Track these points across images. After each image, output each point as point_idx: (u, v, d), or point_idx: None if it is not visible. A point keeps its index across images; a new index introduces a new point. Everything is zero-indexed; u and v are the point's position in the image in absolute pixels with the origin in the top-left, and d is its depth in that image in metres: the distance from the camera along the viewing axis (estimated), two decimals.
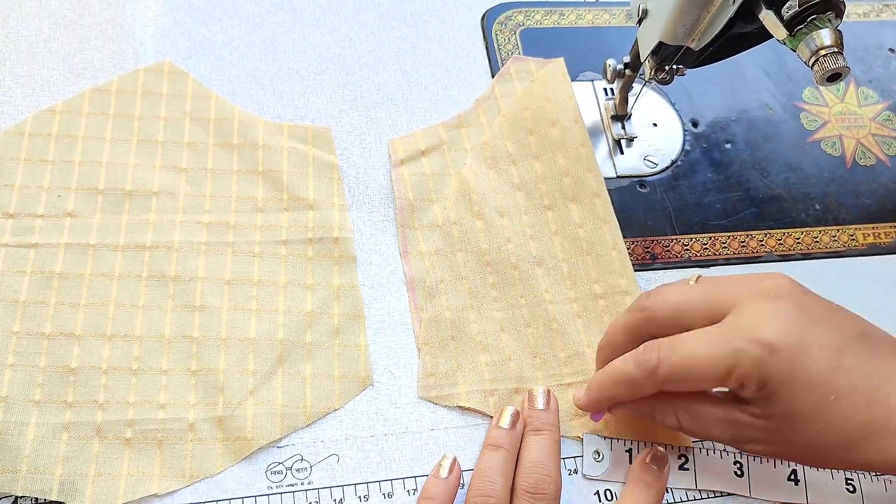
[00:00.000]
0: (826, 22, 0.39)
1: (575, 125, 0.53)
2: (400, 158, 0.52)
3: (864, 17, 0.65)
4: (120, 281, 0.45)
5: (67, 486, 0.39)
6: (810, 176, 0.56)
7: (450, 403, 0.44)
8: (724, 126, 0.58)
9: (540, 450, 0.41)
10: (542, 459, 0.40)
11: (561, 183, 0.51)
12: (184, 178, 0.49)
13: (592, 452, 0.43)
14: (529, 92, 0.54)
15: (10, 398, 0.41)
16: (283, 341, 0.44)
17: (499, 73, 0.56)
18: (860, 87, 0.61)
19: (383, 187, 0.51)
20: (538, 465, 0.40)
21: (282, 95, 0.54)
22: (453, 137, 0.53)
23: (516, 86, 0.55)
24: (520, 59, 0.57)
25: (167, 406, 0.42)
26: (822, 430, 0.36)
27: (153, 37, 0.54)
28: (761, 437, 0.38)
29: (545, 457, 0.41)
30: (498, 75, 0.56)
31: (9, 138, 0.48)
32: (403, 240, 0.49)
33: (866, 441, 0.36)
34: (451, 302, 0.47)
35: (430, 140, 0.53)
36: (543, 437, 0.42)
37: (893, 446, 0.35)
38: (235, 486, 0.41)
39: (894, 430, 0.35)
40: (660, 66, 0.48)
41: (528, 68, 0.57)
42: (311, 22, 0.57)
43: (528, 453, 0.41)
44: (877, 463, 0.36)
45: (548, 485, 0.39)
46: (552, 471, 0.40)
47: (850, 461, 0.36)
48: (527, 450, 0.41)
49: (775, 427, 0.37)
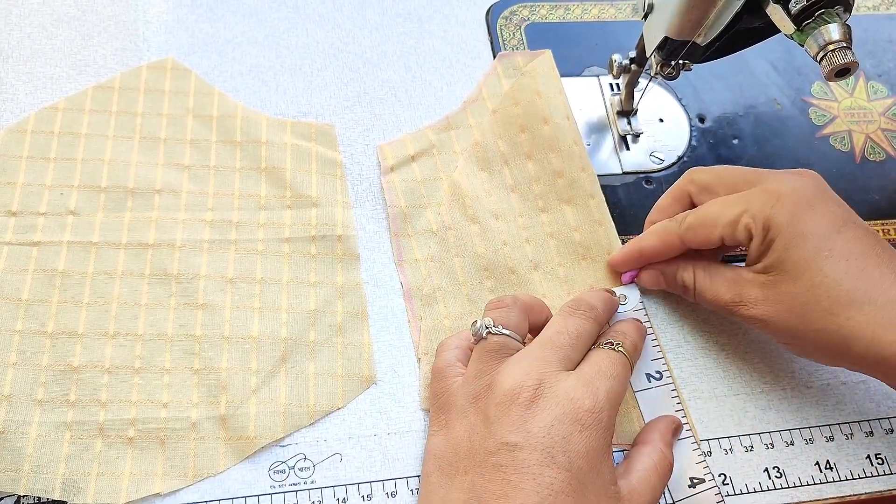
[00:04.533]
0: (834, 16, 0.38)
1: (566, 122, 0.52)
2: (389, 165, 0.51)
3: (873, 11, 0.65)
4: (122, 279, 0.45)
5: (70, 485, 0.39)
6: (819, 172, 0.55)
7: None
8: (732, 121, 0.57)
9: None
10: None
11: (555, 184, 0.50)
12: (186, 175, 0.49)
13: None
14: (519, 86, 0.54)
15: (13, 397, 0.41)
16: (286, 340, 0.44)
17: (485, 73, 0.56)
18: (869, 82, 0.61)
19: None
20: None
21: (285, 92, 0.53)
22: (443, 140, 0.52)
23: (503, 84, 0.55)
24: (506, 55, 0.56)
25: (170, 405, 0.42)
26: (811, 286, 0.39)
27: (156, 33, 0.54)
28: (759, 294, 0.42)
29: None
30: (485, 75, 0.56)
31: (11, 136, 0.48)
32: (398, 249, 0.48)
33: (850, 308, 0.38)
34: (449, 309, 0.46)
35: (420, 144, 0.52)
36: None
37: (873, 319, 0.38)
38: (238, 485, 0.40)
39: (878, 304, 0.38)
40: (666, 62, 0.47)
41: (515, 64, 0.56)
42: (314, 18, 0.57)
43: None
44: (854, 336, 0.38)
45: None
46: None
47: (834, 329, 0.39)
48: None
49: (772, 281, 0.41)
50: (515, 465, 0.35)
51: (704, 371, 0.46)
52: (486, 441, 0.37)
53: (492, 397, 0.38)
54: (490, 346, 0.40)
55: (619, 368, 0.40)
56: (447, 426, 0.39)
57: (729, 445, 0.44)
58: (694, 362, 0.47)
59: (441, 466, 0.38)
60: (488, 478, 0.36)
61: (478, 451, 0.37)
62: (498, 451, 0.36)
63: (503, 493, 0.35)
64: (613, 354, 0.40)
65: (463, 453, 0.38)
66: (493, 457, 0.36)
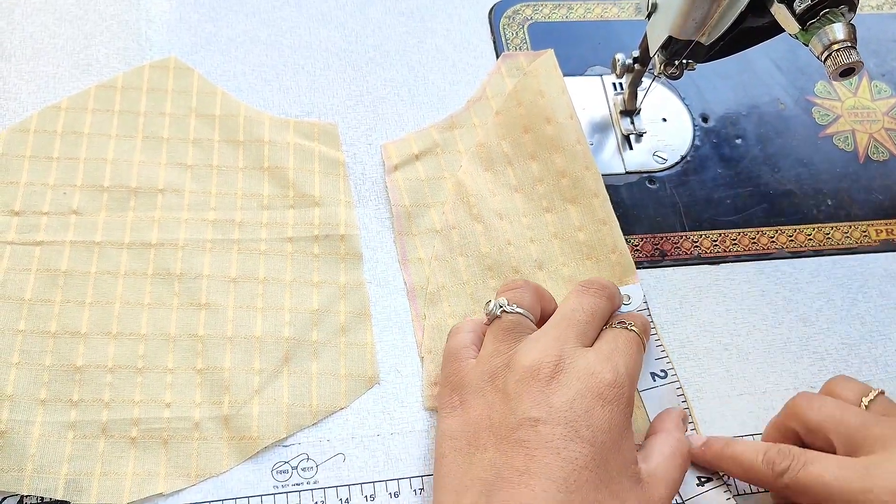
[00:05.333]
0: (839, 16, 0.38)
1: (570, 121, 0.52)
2: (394, 164, 0.51)
3: (877, 10, 0.64)
4: (125, 279, 0.45)
5: (73, 485, 0.39)
6: (822, 171, 0.56)
7: None
8: (735, 121, 0.57)
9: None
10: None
11: (559, 184, 0.50)
12: (189, 174, 0.49)
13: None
14: (522, 86, 0.54)
15: (16, 397, 0.41)
16: (289, 339, 0.44)
17: (489, 72, 0.56)
18: (873, 81, 0.60)
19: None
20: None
21: (287, 91, 0.53)
22: (446, 139, 0.52)
23: (507, 84, 0.55)
24: (510, 55, 0.56)
25: (173, 405, 0.42)
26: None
27: (158, 32, 0.54)
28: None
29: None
30: (488, 74, 0.55)
31: (14, 135, 0.48)
32: (402, 248, 0.48)
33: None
34: (453, 308, 0.46)
35: (424, 143, 0.52)
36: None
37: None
38: (241, 485, 0.40)
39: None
40: (669, 61, 0.47)
41: (518, 64, 0.56)
42: (317, 17, 0.57)
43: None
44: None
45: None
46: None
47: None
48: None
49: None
50: (539, 439, 0.35)
51: (708, 371, 0.46)
52: (507, 417, 0.36)
53: (511, 375, 0.38)
54: (505, 325, 0.40)
55: (635, 346, 0.40)
56: (462, 406, 0.39)
57: None
58: (697, 362, 0.47)
59: (457, 447, 0.38)
60: (510, 454, 0.35)
61: (499, 428, 0.36)
62: (520, 426, 0.36)
63: (526, 469, 0.34)
64: (627, 332, 0.41)
65: (482, 431, 0.37)
66: (514, 432, 0.36)
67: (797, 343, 0.48)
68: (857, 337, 0.49)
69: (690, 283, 0.50)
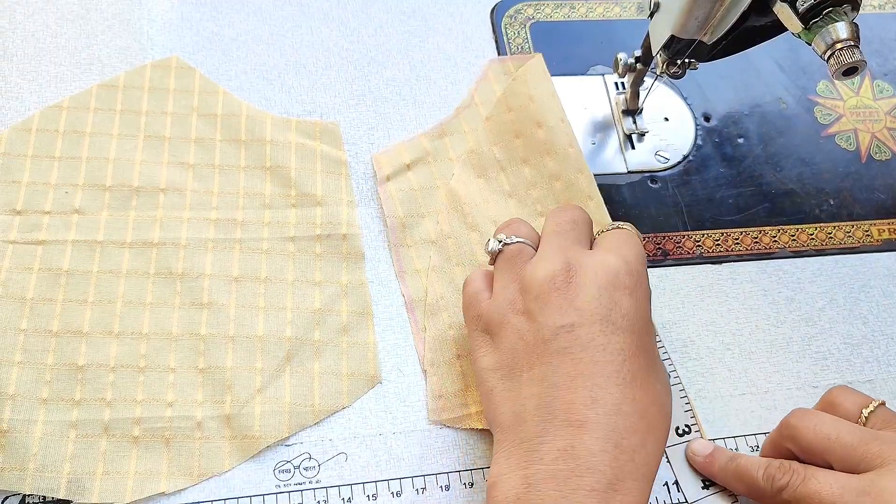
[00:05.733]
0: (842, 15, 0.38)
1: (561, 124, 0.51)
2: (385, 174, 0.50)
3: (879, 9, 0.64)
4: (127, 278, 0.45)
5: (75, 485, 0.39)
6: (824, 171, 0.56)
7: (463, 426, 0.43)
8: (737, 120, 0.57)
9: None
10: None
11: (553, 187, 0.50)
12: (191, 174, 0.49)
13: None
14: (511, 91, 0.53)
15: (18, 396, 0.41)
16: (290, 339, 0.44)
17: (477, 78, 0.55)
18: (875, 81, 0.60)
19: None
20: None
21: (289, 90, 0.53)
22: (437, 148, 0.52)
23: (496, 90, 0.54)
24: (497, 60, 0.56)
25: (175, 404, 0.42)
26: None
27: (160, 32, 0.54)
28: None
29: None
30: (476, 81, 0.55)
31: (16, 134, 0.48)
32: (398, 260, 0.48)
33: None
34: (453, 319, 0.46)
35: (414, 152, 0.52)
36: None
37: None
38: (243, 484, 0.40)
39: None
40: (672, 60, 0.47)
41: (506, 69, 0.55)
42: (318, 16, 0.57)
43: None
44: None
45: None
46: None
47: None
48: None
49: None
50: (580, 343, 0.35)
51: (710, 370, 0.46)
52: (540, 332, 0.37)
53: (528, 296, 0.38)
54: (508, 255, 0.41)
55: (634, 239, 0.41)
56: (493, 342, 0.39)
57: (735, 445, 0.44)
58: (699, 362, 0.47)
59: (502, 376, 0.38)
60: (556, 363, 0.35)
61: (535, 346, 0.37)
62: (555, 336, 0.36)
63: (577, 373, 0.35)
64: (620, 230, 0.41)
65: (520, 355, 0.37)
66: (552, 344, 0.36)
67: (799, 342, 0.48)
68: (859, 336, 0.49)
69: (693, 282, 0.50)
